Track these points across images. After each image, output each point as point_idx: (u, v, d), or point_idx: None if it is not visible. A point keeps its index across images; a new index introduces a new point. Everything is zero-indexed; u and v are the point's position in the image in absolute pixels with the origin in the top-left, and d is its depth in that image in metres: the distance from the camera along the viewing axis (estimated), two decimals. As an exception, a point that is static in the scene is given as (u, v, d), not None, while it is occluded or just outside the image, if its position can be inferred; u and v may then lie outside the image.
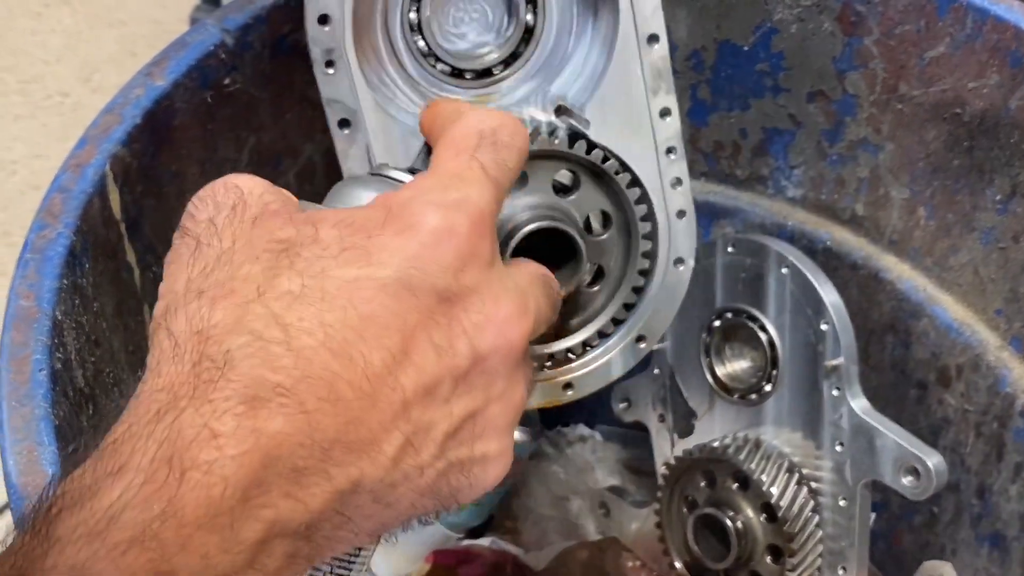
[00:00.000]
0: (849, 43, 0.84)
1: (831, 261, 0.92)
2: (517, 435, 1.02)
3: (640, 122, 0.72)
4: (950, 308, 0.88)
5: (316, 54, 0.66)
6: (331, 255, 0.43)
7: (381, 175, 0.58)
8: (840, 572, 0.87)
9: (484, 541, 1.05)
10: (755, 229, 0.95)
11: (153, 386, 0.41)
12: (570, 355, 0.76)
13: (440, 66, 0.70)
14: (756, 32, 0.87)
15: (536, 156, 0.69)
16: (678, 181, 0.74)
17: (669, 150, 0.73)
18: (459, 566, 1.03)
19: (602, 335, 0.76)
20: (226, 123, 0.75)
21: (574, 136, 0.71)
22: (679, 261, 0.76)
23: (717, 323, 0.90)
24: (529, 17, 0.70)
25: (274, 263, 0.42)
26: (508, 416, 0.47)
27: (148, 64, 0.70)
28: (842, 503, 0.85)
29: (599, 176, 0.72)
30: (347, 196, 0.54)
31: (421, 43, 0.69)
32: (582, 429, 1.11)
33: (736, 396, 0.90)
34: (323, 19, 0.65)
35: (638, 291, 0.76)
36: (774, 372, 0.87)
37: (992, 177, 0.82)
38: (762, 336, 0.87)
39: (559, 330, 0.76)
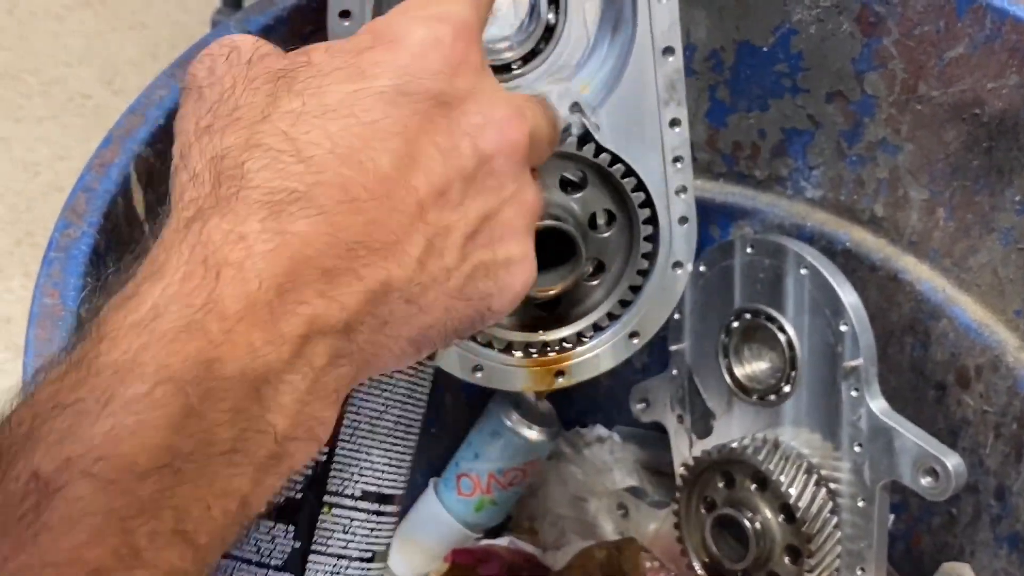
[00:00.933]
0: (868, 44, 0.84)
1: (850, 262, 0.92)
2: (535, 435, 1.03)
3: (650, 130, 0.73)
4: (969, 309, 0.88)
5: None
6: (326, 73, 0.44)
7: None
8: (859, 573, 0.87)
9: (502, 541, 1.05)
10: (774, 230, 0.95)
11: (178, 209, 0.43)
12: (564, 344, 0.78)
13: None
14: (775, 33, 0.87)
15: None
16: (683, 189, 0.76)
17: (676, 159, 0.75)
18: (478, 565, 1.03)
19: (597, 328, 0.78)
20: (247, 124, 0.76)
21: (584, 138, 0.72)
22: (678, 265, 0.78)
23: (736, 324, 0.90)
24: (551, 16, 0.71)
25: (274, 89, 0.44)
26: (523, 218, 0.48)
27: (172, 65, 0.71)
28: (860, 504, 0.85)
29: (606, 177, 0.74)
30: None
31: None
32: (600, 430, 1.11)
33: (755, 397, 0.90)
34: (344, 14, 0.66)
35: (635, 290, 0.78)
36: (793, 373, 0.87)
37: (1011, 178, 0.82)
38: (781, 337, 0.87)
39: (557, 319, 0.79)
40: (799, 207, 0.94)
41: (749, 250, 0.88)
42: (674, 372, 0.95)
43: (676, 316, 0.94)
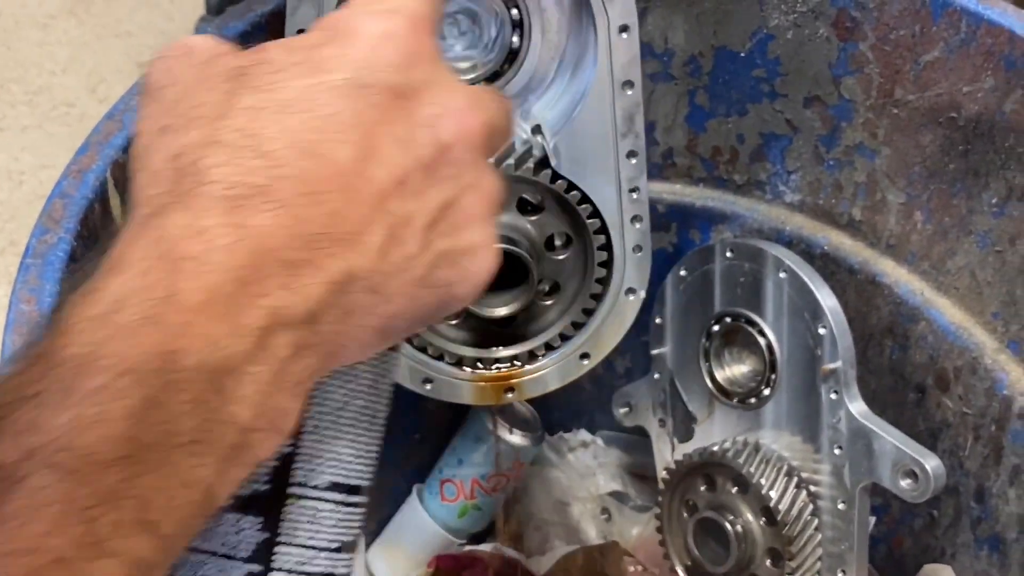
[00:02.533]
0: (844, 48, 0.85)
1: (829, 265, 0.92)
2: (518, 440, 1.03)
3: (607, 160, 0.75)
4: (947, 311, 0.88)
5: None
6: (282, 69, 0.44)
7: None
8: (840, 575, 0.87)
9: (486, 547, 1.05)
10: (753, 234, 0.95)
11: (138, 206, 0.43)
12: (515, 361, 0.81)
13: None
14: (752, 38, 0.87)
15: (504, 178, 0.72)
16: (638, 218, 0.78)
17: (632, 189, 0.77)
18: (462, 571, 1.03)
19: (549, 347, 0.81)
20: (226, 130, 0.76)
21: (542, 163, 0.74)
22: (631, 291, 0.80)
23: (716, 328, 0.91)
24: (515, 39, 0.72)
25: (231, 87, 0.44)
26: (484, 205, 0.48)
27: (149, 71, 0.71)
28: (841, 506, 0.86)
29: (564, 202, 0.76)
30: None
31: None
32: (583, 435, 1.12)
33: (735, 400, 0.91)
34: (302, 33, 0.66)
35: (588, 312, 0.81)
36: (772, 376, 0.88)
37: (988, 180, 0.82)
38: (760, 340, 0.88)
39: (510, 336, 0.81)
40: (778, 211, 0.94)
41: (729, 254, 0.89)
42: (656, 376, 0.96)
43: (658, 321, 0.94)
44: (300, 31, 0.68)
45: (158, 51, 0.48)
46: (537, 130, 0.74)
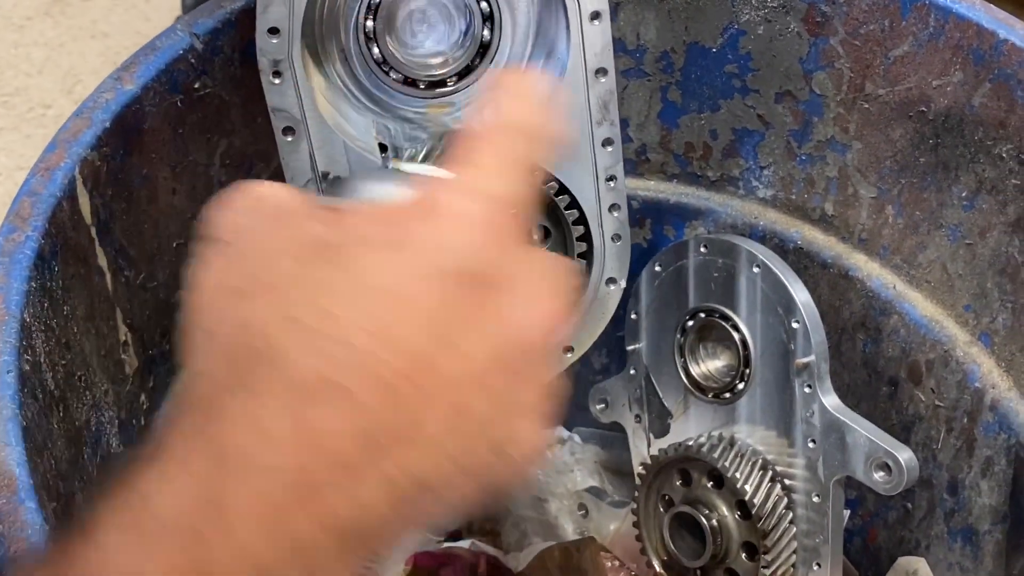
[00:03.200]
0: (815, 43, 0.85)
1: (802, 260, 0.92)
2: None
3: (583, 149, 0.75)
4: (919, 305, 0.89)
5: (264, 64, 0.68)
6: (362, 243, 0.41)
7: (398, 170, 0.60)
8: (815, 568, 0.87)
9: (464, 543, 1.05)
10: (727, 229, 0.95)
11: (192, 382, 0.40)
12: None
13: (393, 75, 0.71)
14: (724, 34, 0.88)
15: None
16: (616, 207, 0.77)
17: (610, 178, 0.76)
18: (439, 569, 1.03)
19: None
20: (197, 127, 0.76)
21: None
22: (611, 281, 0.80)
23: (691, 323, 0.91)
24: (486, 33, 0.72)
25: (306, 257, 0.41)
26: (541, 399, 0.45)
27: (118, 68, 0.71)
28: (815, 499, 0.86)
29: (541, 193, 0.75)
30: (367, 190, 0.53)
31: (376, 51, 0.71)
32: (560, 431, 1.12)
33: (710, 395, 0.91)
34: (273, 31, 0.67)
35: None
36: (747, 371, 0.88)
37: (958, 174, 0.83)
38: (735, 335, 0.88)
39: None
40: (751, 206, 0.95)
41: (703, 250, 0.89)
42: (631, 372, 0.96)
43: (633, 316, 0.94)
44: (271, 30, 0.67)
45: (222, 198, 0.45)
46: None
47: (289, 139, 0.70)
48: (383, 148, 0.72)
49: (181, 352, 0.42)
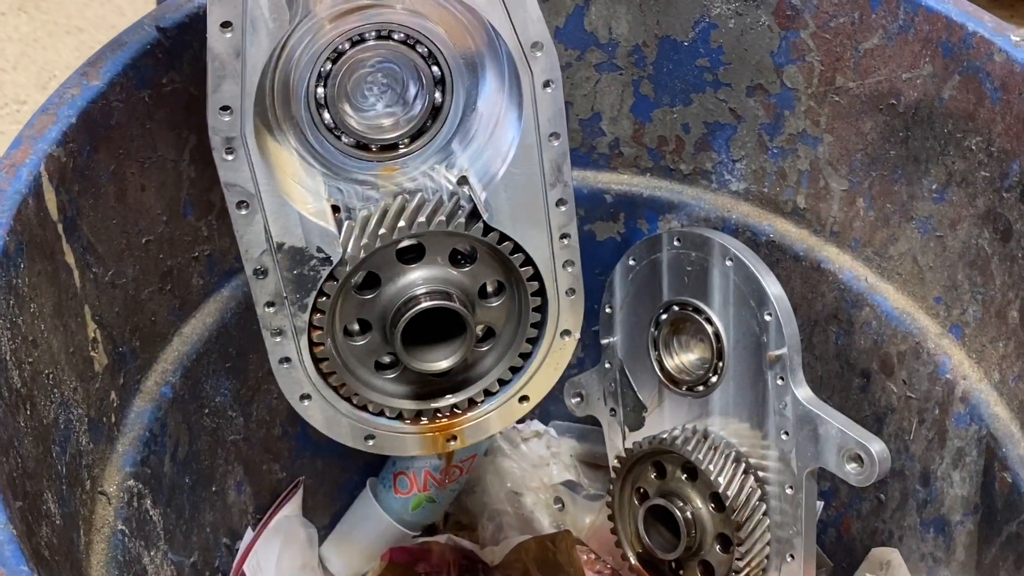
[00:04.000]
0: (786, 37, 0.85)
1: (774, 253, 0.93)
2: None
3: (537, 209, 0.77)
4: (891, 297, 0.89)
5: (216, 142, 0.69)
6: None
7: None
8: (788, 559, 0.88)
9: (440, 538, 1.05)
10: (700, 223, 0.95)
11: None
12: (456, 409, 0.83)
13: (345, 139, 0.73)
14: (695, 27, 0.88)
15: (435, 233, 0.75)
16: (569, 263, 0.80)
17: (563, 236, 0.79)
18: (415, 563, 1.03)
19: (488, 393, 0.83)
20: (165, 122, 0.75)
21: (471, 216, 0.76)
22: (566, 333, 0.82)
23: (664, 316, 0.91)
24: (438, 96, 0.74)
25: None
26: None
27: (84, 64, 0.71)
28: (788, 491, 0.86)
29: (496, 250, 0.77)
30: None
31: (327, 117, 0.72)
32: (536, 425, 1.12)
33: (684, 388, 0.91)
34: (224, 109, 0.68)
35: (525, 356, 0.83)
36: (720, 363, 0.88)
37: (928, 167, 0.83)
38: (708, 328, 0.88)
39: (448, 386, 0.82)
40: (724, 200, 0.95)
41: (676, 243, 0.89)
42: (607, 366, 0.96)
43: (607, 310, 0.95)
44: (223, 108, 0.67)
45: None
46: (464, 181, 0.75)
47: (243, 212, 0.71)
48: (336, 209, 0.74)
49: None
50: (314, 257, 0.74)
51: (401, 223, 0.74)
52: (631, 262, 0.92)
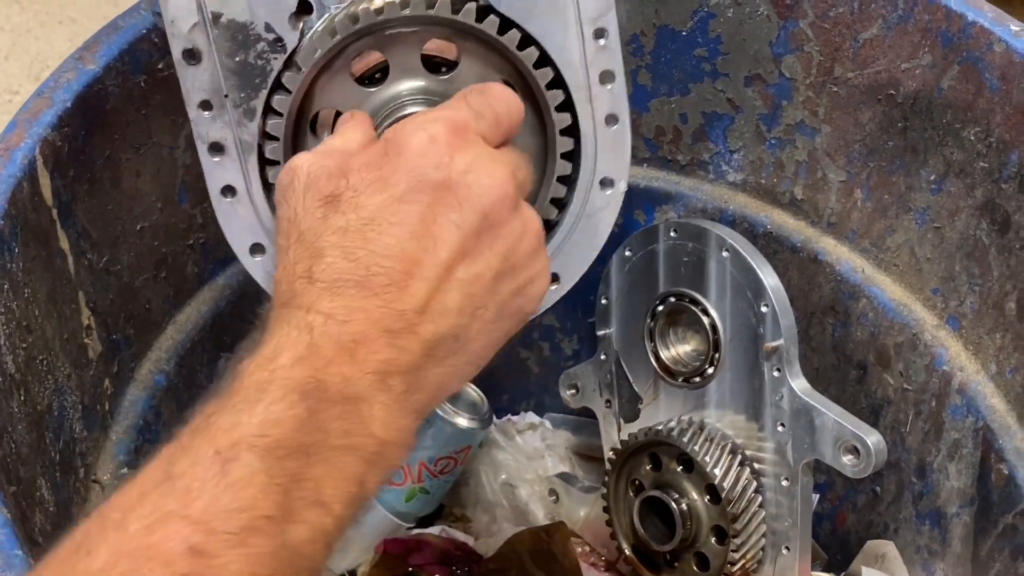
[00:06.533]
0: (784, 26, 0.85)
1: (771, 244, 0.93)
2: (465, 423, 1.02)
3: None
4: (888, 289, 0.89)
5: None
6: (360, 191, 0.58)
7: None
8: (784, 552, 0.87)
9: (434, 530, 1.05)
10: (697, 214, 0.95)
11: (276, 296, 0.58)
12: None
13: None
14: (694, 17, 0.87)
15: (400, 31, 0.58)
16: (609, 75, 0.59)
17: (599, 33, 0.58)
18: (409, 555, 1.02)
19: None
20: (161, 108, 0.75)
21: (480, 12, 0.58)
22: (607, 183, 0.62)
23: (661, 307, 0.91)
24: None
25: (325, 212, 0.58)
26: (531, 241, 0.60)
27: (80, 48, 0.70)
28: (784, 483, 0.86)
29: (491, 47, 0.59)
30: None
31: None
32: (531, 417, 1.12)
33: (680, 380, 0.91)
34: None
35: (558, 204, 0.64)
36: (716, 355, 0.88)
37: (926, 157, 0.83)
38: (704, 319, 0.88)
39: None
40: (721, 191, 0.94)
41: (673, 234, 0.89)
42: (602, 357, 0.96)
43: (603, 301, 0.94)
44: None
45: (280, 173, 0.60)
46: None
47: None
48: (305, 9, 0.59)
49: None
50: (262, 39, 0.57)
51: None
52: (627, 253, 0.92)
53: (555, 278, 0.67)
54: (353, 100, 0.61)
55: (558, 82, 0.60)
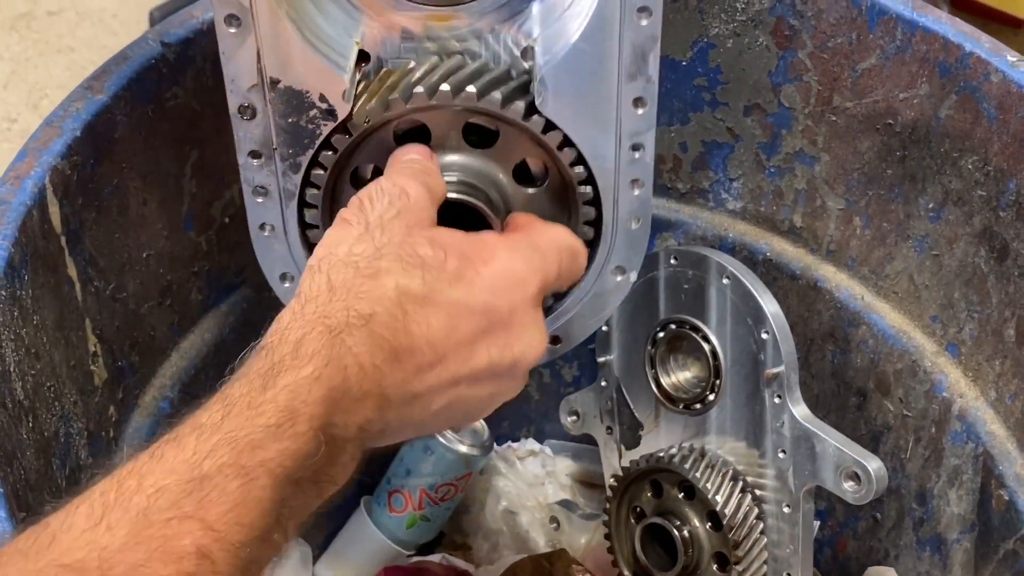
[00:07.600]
0: (783, 56, 0.86)
1: (771, 271, 0.93)
2: (465, 450, 1.03)
3: (605, 104, 0.60)
4: (887, 316, 0.90)
5: None
6: (448, 280, 0.60)
7: None
8: (785, 578, 0.88)
9: (435, 557, 1.05)
10: (697, 241, 0.96)
11: (304, 306, 0.57)
12: None
13: None
14: (693, 47, 0.88)
15: (445, 108, 0.60)
16: (639, 183, 0.63)
17: (635, 147, 0.62)
18: (410, 582, 1.02)
19: None
20: (168, 137, 0.75)
21: (519, 91, 0.60)
22: (619, 270, 0.68)
23: (661, 334, 0.91)
24: None
25: (410, 269, 0.59)
26: (529, 321, 0.63)
27: (88, 78, 0.71)
28: (786, 510, 0.87)
29: (531, 134, 0.62)
30: None
31: None
32: (532, 444, 1.12)
33: (681, 406, 0.91)
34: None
35: (558, 296, 0.69)
36: (717, 382, 0.88)
37: (924, 186, 0.84)
38: (705, 346, 0.88)
39: None
40: (721, 218, 0.95)
41: (673, 261, 0.89)
42: (603, 384, 0.96)
43: (604, 328, 0.95)
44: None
45: (380, 183, 0.59)
46: (528, 54, 0.59)
47: (232, 30, 0.57)
48: (363, 57, 0.61)
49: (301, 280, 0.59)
50: (315, 107, 0.59)
51: (444, 87, 0.57)
52: (628, 280, 0.93)
53: (556, 339, 0.72)
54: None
55: (589, 179, 0.64)
